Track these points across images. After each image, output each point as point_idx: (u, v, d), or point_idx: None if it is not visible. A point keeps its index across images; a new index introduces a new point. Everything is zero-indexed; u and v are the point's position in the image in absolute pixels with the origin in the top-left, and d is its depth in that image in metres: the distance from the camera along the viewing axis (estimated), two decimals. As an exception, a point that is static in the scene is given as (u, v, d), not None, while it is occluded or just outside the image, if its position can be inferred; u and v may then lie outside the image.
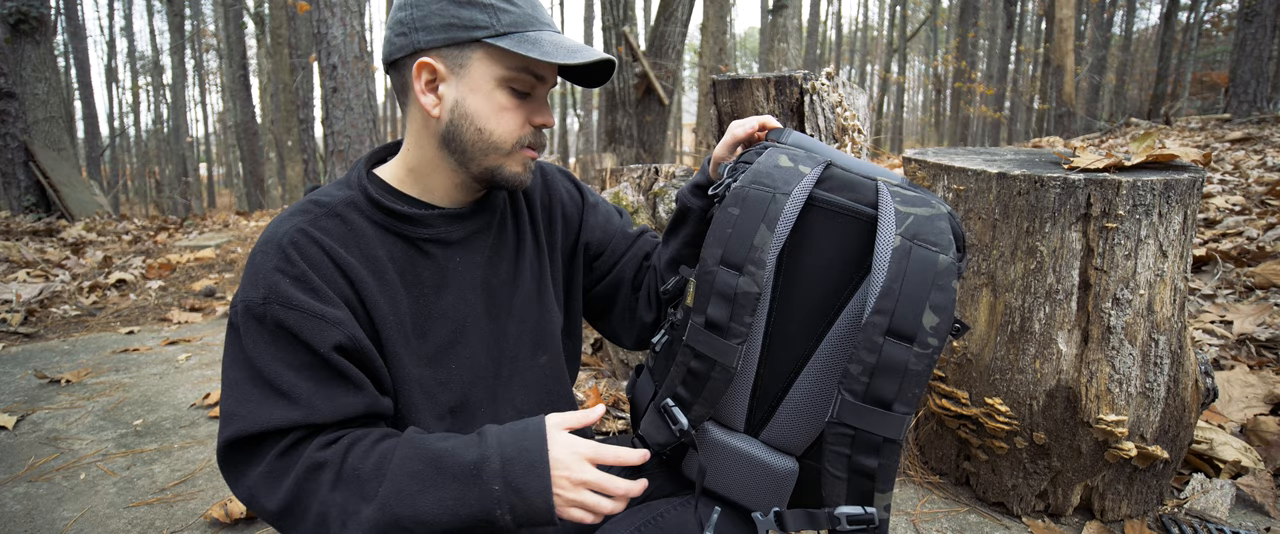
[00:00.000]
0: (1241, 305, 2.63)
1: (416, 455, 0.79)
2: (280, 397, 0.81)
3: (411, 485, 0.77)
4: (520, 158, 0.94)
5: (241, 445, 0.81)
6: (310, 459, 0.79)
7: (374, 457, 0.80)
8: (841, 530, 0.77)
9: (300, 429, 0.81)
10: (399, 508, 0.76)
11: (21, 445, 2.22)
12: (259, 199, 15.19)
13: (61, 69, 17.32)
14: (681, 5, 7.85)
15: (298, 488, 0.79)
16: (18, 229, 6.40)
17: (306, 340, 0.81)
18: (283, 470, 0.80)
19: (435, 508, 0.76)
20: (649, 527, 0.94)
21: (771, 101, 1.88)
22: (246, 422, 0.80)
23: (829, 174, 0.86)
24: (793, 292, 0.86)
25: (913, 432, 1.96)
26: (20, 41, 7.76)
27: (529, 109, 0.93)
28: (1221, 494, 1.67)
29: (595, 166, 6.88)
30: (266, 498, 0.80)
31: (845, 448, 0.76)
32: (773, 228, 0.80)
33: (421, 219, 0.94)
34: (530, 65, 0.90)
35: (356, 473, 0.79)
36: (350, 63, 5.39)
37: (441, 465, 0.78)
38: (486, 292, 1.00)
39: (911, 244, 0.76)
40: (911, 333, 0.73)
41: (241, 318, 0.83)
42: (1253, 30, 7.82)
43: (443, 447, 0.80)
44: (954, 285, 0.75)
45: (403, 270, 0.92)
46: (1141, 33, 25.83)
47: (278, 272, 0.83)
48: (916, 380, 0.73)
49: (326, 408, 0.82)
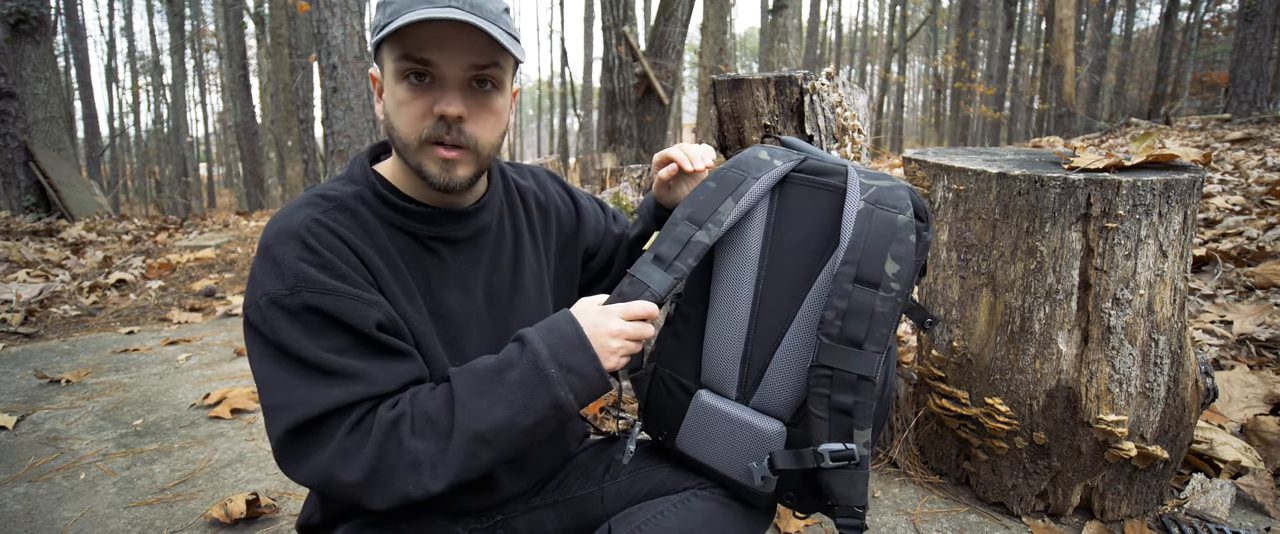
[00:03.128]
0: (1241, 305, 2.63)
1: (474, 377, 0.84)
2: (335, 377, 0.80)
3: (481, 403, 0.82)
4: (431, 155, 0.87)
5: (303, 431, 0.80)
6: (384, 420, 0.81)
7: (439, 396, 0.83)
8: (826, 466, 0.86)
9: (367, 401, 0.82)
10: (478, 425, 0.80)
11: (21, 445, 2.22)
12: (259, 199, 15.19)
13: (61, 69, 17.32)
14: (681, 5, 7.85)
15: (380, 451, 0.79)
16: (18, 229, 6.39)
17: (347, 321, 0.82)
18: (359, 441, 0.80)
19: (509, 412, 0.81)
20: (649, 526, 0.94)
21: (771, 101, 1.88)
22: (306, 406, 0.79)
23: (806, 162, 0.98)
24: (780, 261, 0.95)
25: (913, 432, 1.96)
26: (20, 41, 7.76)
27: (430, 99, 0.86)
28: (1221, 494, 1.67)
29: (595, 166, 6.88)
30: (347, 472, 0.79)
31: (825, 388, 0.85)
32: (737, 201, 0.94)
33: (428, 216, 0.94)
34: (408, 49, 0.83)
35: (428, 416, 0.82)
36: (350, 63, 5.39)
37: (501, 376, 0.84)
38: (488, 290, 1.01)
39: (874, 207, 0.88)
40: (876, 279, 0.84)
41: (265, 312, 0.81)
42: (1253, 30, 7.82)
43: (493, 362, 0.86)
44: (911, 239, 0.85)
45: (412, 265, 0.93)
46: (1141, 33, 25.83)
47: (301, 261, 0.82)
48: (883, 322, 0.83)
49: (385, 378, 0.83)
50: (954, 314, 1.68)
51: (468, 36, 0.84)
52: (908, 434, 1.96)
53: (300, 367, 0.80)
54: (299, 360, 0.80)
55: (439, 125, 0.86)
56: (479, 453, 0.81)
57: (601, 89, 8.60)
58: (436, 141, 0.87)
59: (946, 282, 1.70)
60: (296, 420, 0.79)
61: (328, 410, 0.79)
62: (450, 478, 0.81)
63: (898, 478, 1.89)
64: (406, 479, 0.79)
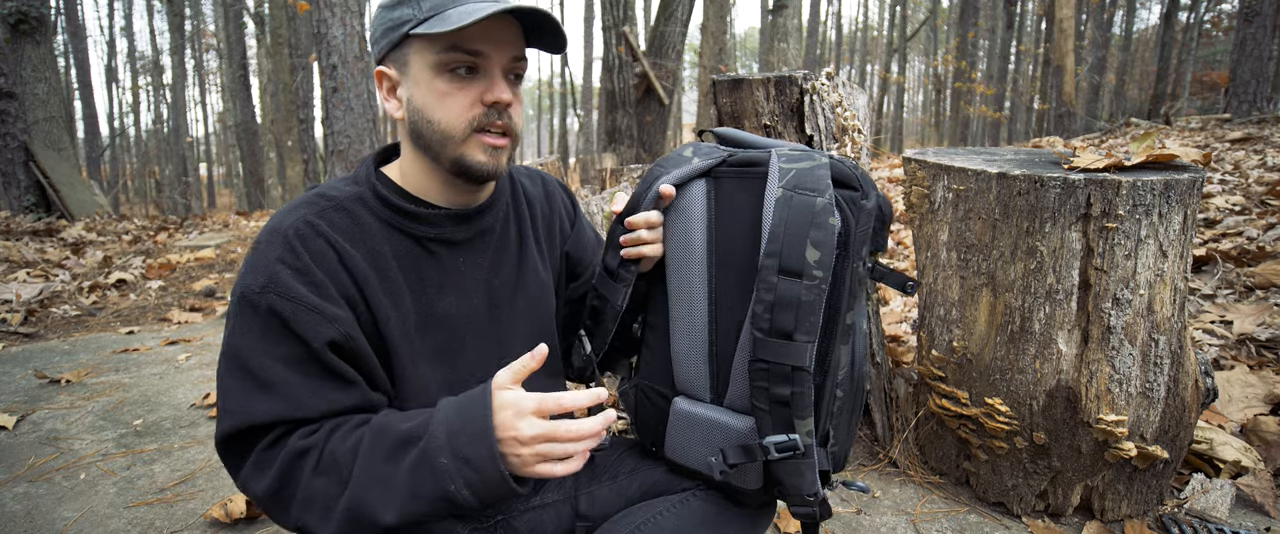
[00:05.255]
0: (1241, 305, 2.63)
1: (380, 438, 0.80)
2: (266, 390, 0.81)
3: (375, 470, 0.77)
4: (479, 143, 0.89)
5: (232, 440, 0.83)
6: (293, 447, 0.81)
7: (351, 441, 0.80)
8: (773, 459, 0.85)
9: (285, 424, 0.82)
10: (366, 494, 0.77)
11: (21, 445, 2.22)
12: (259, 199, 15.19)
13: (61, 69, 17.31)
14: (681, 5, 7.85)
15: (282, 477, 0.80)
16: (18, 229, 6.39)
17: (299, 333, 0.81)
18: (268, 461, 0.81)
19: (396, 493, 0.76)
20: (648, 526, 0.94)
21: (771, 101, 1.88)
22: (235, 417, 0.81)
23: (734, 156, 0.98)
24: (725, 259, 0.96)
25: (913, 432, 1.96)
26: (20, 41, 7.76)
27: (479, 89, 0.88)
28: (1221, 494, 1.67)
29: (595, 166, 6.88)
30: (257, 486, 0.81)
31: (764, 381, 0.85)
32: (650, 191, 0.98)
33: (428, 218, 0.94)
34: (456, 41, 0.85)
35: (335, 458, 0.79)
36: (350, 63, 5.39)
37: (399, 447, 0.78)
38: (488, 292, 1.00)
39: (792, 193, 0.86)
40: (799, 268, 0.83)
41: (237, 305, 0.83)
42: (1253, 30, 7.82)
43: (403, 428, 0.79)
44: (831, 222, 0.83)
45: (407, 268, 0.93)
46: (1141, 33, 25.83)
47: (280, 262, 0.83)
48: (810, 310, 0.83)
49: (313, 403, 0.83)
50: (954, 314, 1.68)
51: (509, 29, 0.88)
52: (908, 434, 1.96)
53: (244, 373, 0.82)
54: (243, 367, 0.82)
55: (491, 112, 0.89)
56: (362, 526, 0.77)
57: (601, 89, 8.60)
58: (485, 129, 0.89)
59: (946, 282, 1.70)
60: (227, 429, 0.82)
61: (252, 425, 0.81)
62: (336, 529, 0.78)
63: (898, 478, 1.89)
64: (302, 512, 0.79)
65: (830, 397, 0.90)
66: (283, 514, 0.81)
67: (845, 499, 1.80)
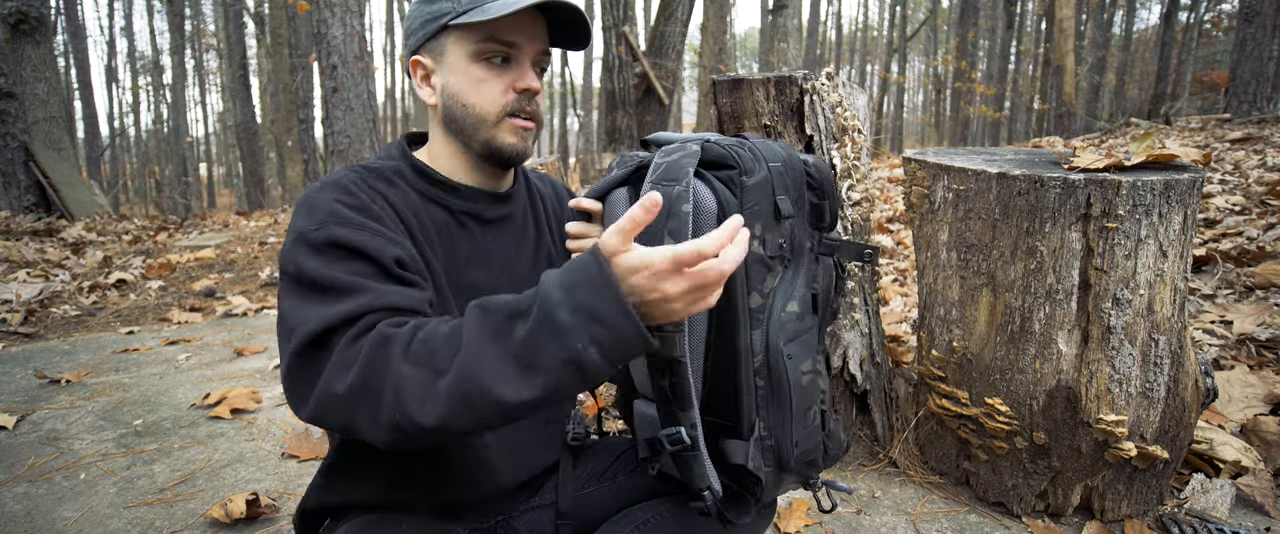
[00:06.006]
0: (1241, 305, 2.63)
1: (486, 312, 0.70)
2: (346, 292, 0.77)
3: (485, 342, 0.68)
4: (510, 127, 0.96)
5: (308, 350, 0.75)
6: (380, 333, 0.72)
7: (447, 326, 0.72)
8: (667, 450, 0.86)
9: (372, 313, 0.76)
10: (477, 368, 0.67)
11: (21, 445, 2.22)
12: (259, 199, 15.19)
13: (61, 69, 17.31)
14: (681, 5, 7.85)
15: (370, 362, 0.70)
16: (18, 229, 6.40)
17: (366, 251, 0.81)
18: (352, 356, 0.72)
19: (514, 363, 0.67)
20: (647, 526, 0.94)
21: (771, 101, 1.88)
22: (313, 322, 0.74)
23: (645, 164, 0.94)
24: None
25: (913, 432, 1.96)
26: (20, 41, 7.77)
27: (511, 77, 0.95)
28: (1221, 494, 1.67)
29: (595, 166, 6.88)
30: (339, 382, 0.71)
31: (655, 376, 0.85)
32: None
33: (462, 191, 1.00)
34: (493, 32, 0.92)
35: (428, 345, 0.70)
36: (350, 63, 5.39)
37: (511, 317, 0.69)
38: (510, 274, 1.03)
39: (656, 187, 0.84)
40: None
41: (292, 251, 0.81)
42: (1253, 30, 7.82)
43: (509, 299, 0.71)
44: (685, 210, 0.79)
45: (443, 237, 0.97)
46: (1141, 33, 25.84)
47: (336, 201, 0.85)
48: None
49: (396, 294, 0.79)
50: (954, 314, 1.69)
51: (538, 25, 0.95)
52: (908, 434, 1.96)
53: (314, 290, 0.78)
54: (313, 284, 0.78)
55: (522, 98, 0.96)
56: (475, 404, 0.67)
57: (601, 89, 8.60)
58: (515, 113, 0.96)
59: (946, 282, 1.70)
60: (302, 340, 0.74)
61: (334, 323, 0.74)
62: (437, 418, 0.68)
63: (898, 478, 1.89)
64: (397, 400, 0.69)
65: (748, 388, 0.87)
66: (373, 409, 0.70)
67: (845, 500, 1.80)
